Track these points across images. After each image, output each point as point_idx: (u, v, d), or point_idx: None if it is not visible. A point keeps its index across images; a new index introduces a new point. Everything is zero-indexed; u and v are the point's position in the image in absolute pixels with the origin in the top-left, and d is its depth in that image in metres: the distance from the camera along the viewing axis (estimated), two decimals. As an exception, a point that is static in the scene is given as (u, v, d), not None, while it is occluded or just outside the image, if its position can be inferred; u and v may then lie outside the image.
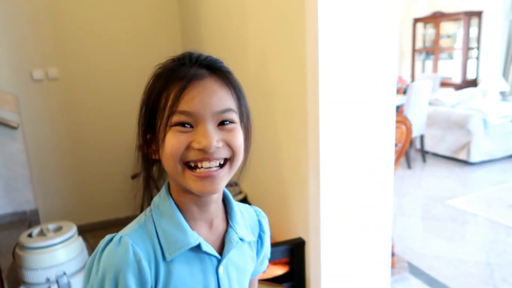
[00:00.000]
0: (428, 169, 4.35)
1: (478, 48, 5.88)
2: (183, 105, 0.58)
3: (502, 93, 5.33)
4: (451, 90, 5.61)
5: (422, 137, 4.49)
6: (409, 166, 4.34)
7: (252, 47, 1.88)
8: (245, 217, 0.74)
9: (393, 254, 2.38)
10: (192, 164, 0.60)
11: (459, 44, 5.97)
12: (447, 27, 6.19)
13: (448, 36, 6.19)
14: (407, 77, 6.89)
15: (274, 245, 1.62)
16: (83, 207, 3.09)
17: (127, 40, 3.03)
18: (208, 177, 0.60)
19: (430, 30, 6.45)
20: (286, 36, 1.55)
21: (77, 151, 3.03)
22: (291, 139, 1.56)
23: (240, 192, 2.07)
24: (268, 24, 1.70)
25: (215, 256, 0.65)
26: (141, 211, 0.69)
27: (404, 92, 4.58)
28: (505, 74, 5.46)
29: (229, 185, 2.10)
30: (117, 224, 3.18)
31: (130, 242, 0.59)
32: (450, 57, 6.25)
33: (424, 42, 6.63)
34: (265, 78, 1.78)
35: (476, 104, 4.54)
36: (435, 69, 6.34)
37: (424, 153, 4.56)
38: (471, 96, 4.92)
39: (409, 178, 4.06)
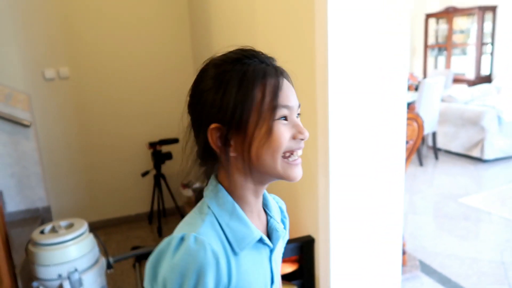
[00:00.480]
0: (440, 166, 4.29)
1: (492, 44, 5.77)
2: (283, 100, 0.62)
3: (517, 89, 5.22)
4: (464, 86, 5.51)
5: (434, 134, 4.43)
6: (421, 163, 4.28)
7: (262, 47, 1.87)
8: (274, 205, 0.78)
9: (404, 253, 2.35)
10: (287, 154, 0.64)
11: (472, 39, 5.87)
12: (460, 22, 6.09)
13: (461, 32, 6.09)
14: (419, 74, 6.80)
15: (283, 243, 1.61)
16: (94, 204, 3.12)
17: (137, 40, 3.05)
18: (300, 164, 0.66)
19: (443, 26, 6.36)
20: (295, 35, 1.54)
21: (88, 150, 3.06)
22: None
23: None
24: (277, 23, 1.68)
25: (268, 246, 0.69)
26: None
27: (416, 89, 4.52)
28: (520, 70, 5.35)
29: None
30: (128, 221, 3.21)
31: (207, 241, 0.59)
32: (464, 53, 6.15)
33: (436, 38, 6.53)
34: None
35: (490, 101, 4.46)
36: (447, 65, 6.25)
37: (436, 150, 4.50)
38: (485, 92, 4.83)
39: (421, 176, 4.02)
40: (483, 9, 5.62)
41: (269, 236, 0.70)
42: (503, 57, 5.67)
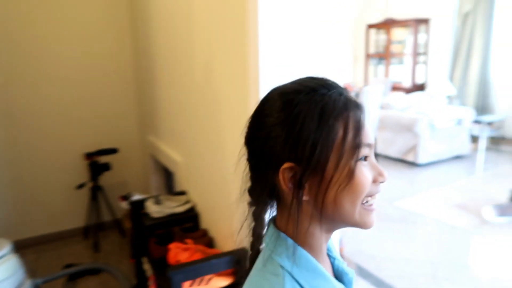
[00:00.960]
0: (380, 171, 4.48)
1: (426, 54, 6.15)
2: (366, 137, 0.55)
3: (449, 97, 5.59)
4: (401, 94, 5.82)
5: (374, 140, 4.62)
6: (361, 168, 4.45)
7: (198, 55, 1.85)
8: None
9: (342, 258, 2.42)
10: (365, 199, 0.56)
11: (409, 49, 6.22)
12: (398, 33, 6.43)
13: (399, 42, 6.43)
14: (360, 81, 7.09)
15: (219, 256, 1.60)
16: (23, 220, 2.92)
17: (73, 44, 2.91)
18: (375, 209, 0.58)
19: (382, 36, 6.68)
20: (229, 44, 1.54)
21: (16, 161, 2.87)
22: (236, 147, 1.54)
23: (188, 201, 2.03)
24: (213, 31, 1.68)
25: None
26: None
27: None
28: (451, 79, 5.73)
29: (178, 193, 2.04)
30: (61, 237, 3.04)
31: None
32: (401, 62, 6.49)
33: (377, 47, 6.85)
34: (211, 85, 1.76)
35: (423, 108, 4.74)
36: (386, 73, 6.57)
37: (376, 155, 4.69)
38: (420, 100, 5.13)
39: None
40: (418, 22, 5.98)
41: (339, 280, 0.62)
42: (436, 67, 6.06)
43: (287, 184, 0.54)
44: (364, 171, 0.55)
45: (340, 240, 2.46)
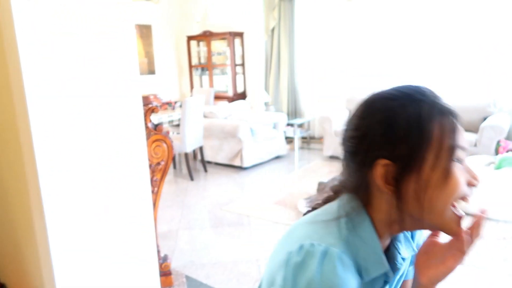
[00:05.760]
0: (209, 178, 4.59)
1: (243, 65, 6.63)
2: (461, 141, 0.59)
3: (266, 104, 6.14)
4: (225, 103, 6.11)
5: (201, 149, 4.71)
6: (191, 178, 4.47)
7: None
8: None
9: (170, 273, 2.34)
10: (455, 203, 0.60)
11: (229, 61, 6.59)
12: (217, 45, 6.75)
13: (219, 54, 6.76)
14: (187, 92, 7.19)
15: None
16: None
17: None
18: (464, 217, 0.61)
19: (203, 48, 6.92)
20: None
21: None
22: (11, 174, 1.31)
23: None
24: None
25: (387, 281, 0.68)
26: None
27: (174, 108, 4.74)
28: (266, 87, 6.31)
29: None
30: None
31: (351, 262, 0.58)
32: (223, 72, 6.83)
33: (199, 58, 7.05)
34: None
35: (244, 115, 5.06)
36: (211, 83, 6.82)
37: (205, 163, 4.80)
38: (241, 107, 5.47)
39: (192, 190, 4.19)
40: (233, 34, 6.39)
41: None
42: (252, 77, 6.58)
43: (381, 178, 0.60)
44: (458, 173, 0.60)
45: (166, 258, 2.37)
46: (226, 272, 2.53)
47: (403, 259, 0.72)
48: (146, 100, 2.14)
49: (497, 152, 3.99)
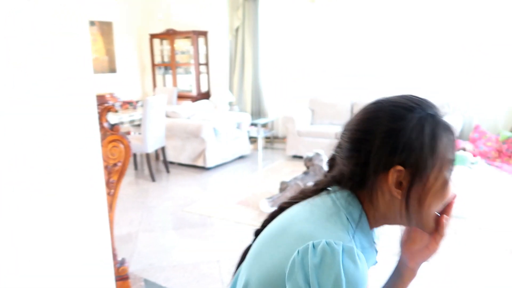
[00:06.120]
0: (172, 179, 4.52)
1: (207, 64, 6.58)
2: (454, 155, 0.67)
3: (230, 104, 6.12)
4: (189, 102, 6.05)
5: (163, 149, 4.63)
6: (153, 179, 4.39)
7: None
8: None
9: (127, 277, 2.28)
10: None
11: (193, 60, 6.52)
12: (181, 43, 6.66)
13: (183, 52, 6.68)
14: (149, 91, 7.06)
15: None
16: None
17: None
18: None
19: (167, 46, 6.81)
20: None
21: None
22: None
23: None
24: None
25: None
26: None
27: (135, 107, 4.64)
28: (231, 87, 6.29)
29: None
30: None
31: (364, 259, 0.62)
32: (187, 71, 6.75)
33: (162, 57, 6.94)
34: None
35: (207, 115, 5.03)
36: (174, 83, 6.73)
37: (167, 164, 4.73)
38: (204, 107, 5.43)
39: (154, 191, 4.11)
40: (197, 33, 6.33)
41: None
42: (216, 76, 6.54)
43: (394, 183, 0.66)
44: (451, 183, 0.69)
45: (123, 262, 2.31)
46: (186, 274, 2.50)
47: (376, 251, 0.78)
48: (101, 99, 2.07)
49: (450, 151, 4.17)
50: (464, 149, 3.88)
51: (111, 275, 1.67)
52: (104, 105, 2.07)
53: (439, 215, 0.73)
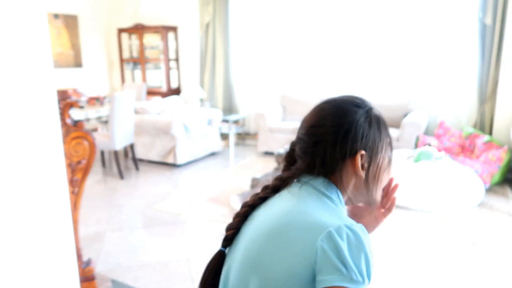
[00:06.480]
0: (141, 176, 4.43)
1: (177, 60, 6.47)
2: (390, 139, 0.87)
3: (201, 100, 6.06)
4: (158, 98, 5.93)
5: (132, 146, 4.53)
6: (122, 177, 4.29)
7: None
8: None
9: (93, 278, 2.21)
10: None
11: (163, 55, 6.40)
12: (150, 39, 6.52)
13: (152, 48, 6.54)
14: (118, 87, 6.89)
15: None
16: None
17: None
18: None
19: (136, 41, 6.65)
20: None
21: None
22: None
23: None
24: None
25: None
26: None
27: (102, 103, 4.51)
28: (202, 83, 6.22)
29: None
30: None
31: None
32: (157, 67, 6.62)
33: (131, 52, 6.77)
34: None
35: (178, 111, 4.95)
36: (144, 78, 6.59)
37: (136, 161, 4.62)
38: (175, 103, 5.34)
39: (122, 189, 4.01)
40: (167, 29, 6.21)
41: None
42: (187, 72, 6.45)
43: (359, 164, 0.79)
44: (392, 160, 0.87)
45: (89, 263, 2.24)
46: (155, 273, 2.45)
47: None
48: (63, 95, 1.99)
49: (416, 146, 4.29)
50: (429, 145, 3.99)
51: (75, 276, 1.62)
52: (66, 101, 1.99)
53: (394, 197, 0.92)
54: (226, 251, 0.87)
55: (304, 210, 0.75)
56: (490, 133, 4.49)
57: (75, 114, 4.16)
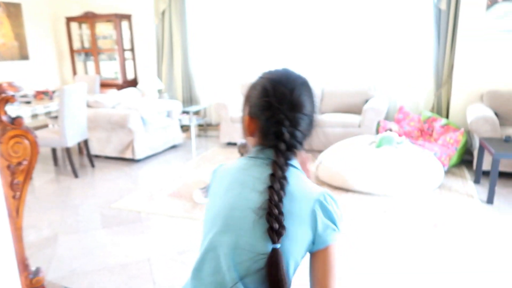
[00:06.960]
0: (97, 174, 4.20)
1: (132, 50, 6.18)
2: None
3: (159, 91, 5.83)
4: (114, 90, 5.65)
5: (86, 142, 4.28)
6: (76, 175, 4.04)
7: None
8: None
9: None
10: None
11: (117, 45, 6.08)
12: (102, 28, 6.18)
13: (105, 37, 6.21)
14: (69, 79, 6.52)
15: None
16: None
17: None
18: None
19: (86, 31, 6.29)
20: None
21: None
22: None
23: None
24: None
25: None
26: None
27: (51, 97, 4.21)
28: (159, 74, 5.98)
29: None
30: None
31: None
32: (112, 58, 6.30)
33: (82, 42, 6.41)
34: None
35: (134, 103, 4.72)
36: (97, 70, 6.25)
37: (91, 158, 4.37)
38: (131, 95, 5.10)
39: (77, 188, 3.78)
40: (120, 17, 5.90)
41: None
42: (144, 62, 6.18)
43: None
44: None
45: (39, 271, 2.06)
46: (113, 277, 2.30)
47: None
48: (-3, 89, 1.78)
49: (377, 131, 4.33)
50: (390, 130, 4.03)
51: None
52: (1, 96, 1.78)
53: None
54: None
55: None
56: (447, 116, 4.60)
57: (23, 110, 3.86)
